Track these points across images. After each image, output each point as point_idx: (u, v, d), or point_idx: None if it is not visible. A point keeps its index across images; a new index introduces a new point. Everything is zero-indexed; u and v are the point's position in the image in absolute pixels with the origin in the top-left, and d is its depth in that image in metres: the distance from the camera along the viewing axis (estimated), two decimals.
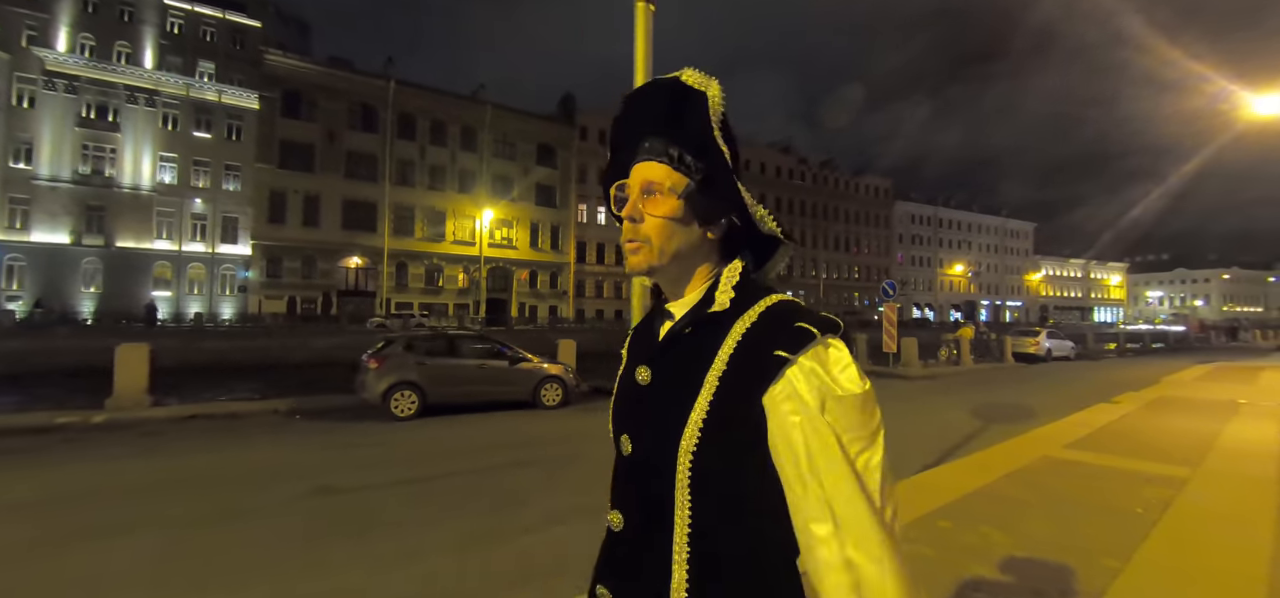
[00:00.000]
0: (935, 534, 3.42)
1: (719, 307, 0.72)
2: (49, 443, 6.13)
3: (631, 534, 0.76)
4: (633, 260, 0.76)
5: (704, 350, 0.71)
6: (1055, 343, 20.92)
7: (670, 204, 0.73)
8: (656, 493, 0.71)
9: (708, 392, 0.69)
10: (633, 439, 0.77)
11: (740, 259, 0.77)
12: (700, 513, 0.69)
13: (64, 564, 3.22)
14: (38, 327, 26.66)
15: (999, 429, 7.34)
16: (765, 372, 0.66)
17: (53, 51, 32.69)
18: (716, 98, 0.74)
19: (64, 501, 4.38)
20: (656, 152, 0.74)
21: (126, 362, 7.75)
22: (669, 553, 0.70)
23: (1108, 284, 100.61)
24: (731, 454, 0.69)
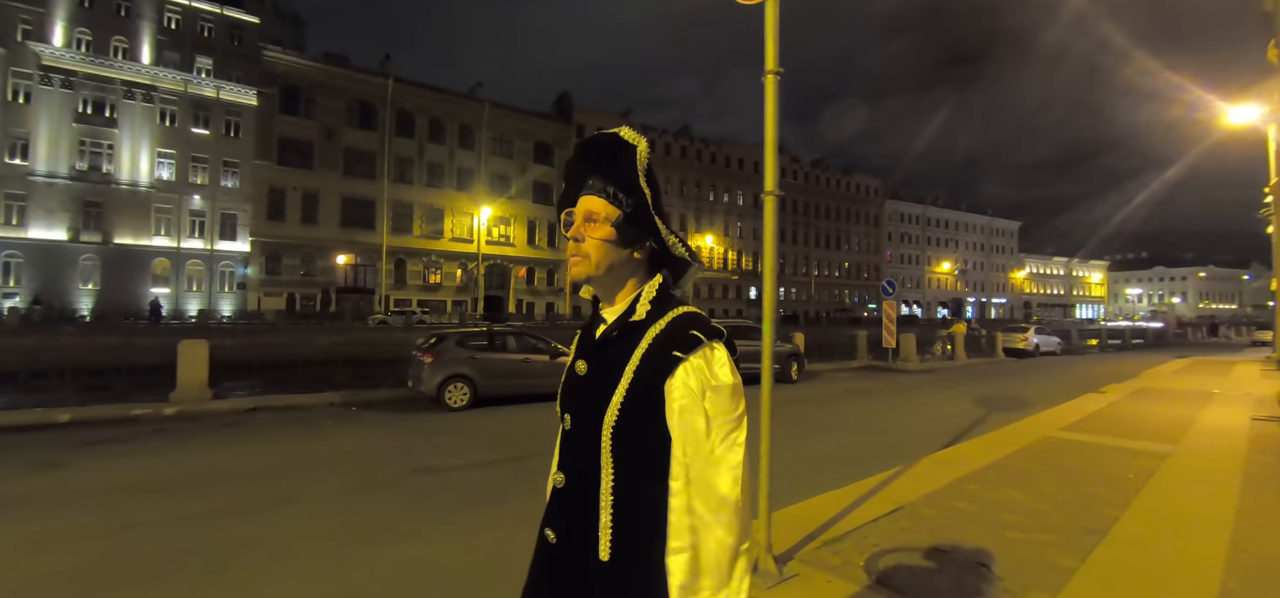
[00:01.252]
0: (967, 494, 4.10)
1: (638, 317, 0.95)
2: (142, 432, 6.61)
3: (571, 489, 0.97)
4: (574, 271, 0.97)
5: (625, 350, 0.93)
6: (1043, 339, 21.91)
7: (605, 230, 0.95)
8: (588, 457, 0.93)
9: (626, 381, 0.91)
10: (573, 417, 0.99)
11: (660, 276, 0.99)
12: (619, 471, 0.91)
13: (249, 527, 3.77)
14: (38, 324, 26.67)
15: (1001, 416, 8.06)
16: (665, 366, 0.89)
17: (49, 46, 32.46)
18: (643, 151, 0.96)
19: (204, 480, 4.89)
20: (596, 188, 0.97)
21: (188, 357, 8.21)
22: (597, 501, 0.92)
23: (1089, 282, 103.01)
24: (641, 427, 0.90)
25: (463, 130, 44.95)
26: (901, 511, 3.75)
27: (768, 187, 2.85)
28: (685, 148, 56.54)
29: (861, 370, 14.71)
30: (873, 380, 12.80)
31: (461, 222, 44.31)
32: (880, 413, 8.71)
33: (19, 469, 5.03)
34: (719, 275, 57.80)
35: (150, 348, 22.43)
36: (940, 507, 3.85)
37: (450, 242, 43.92)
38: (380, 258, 40.96)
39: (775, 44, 2.72)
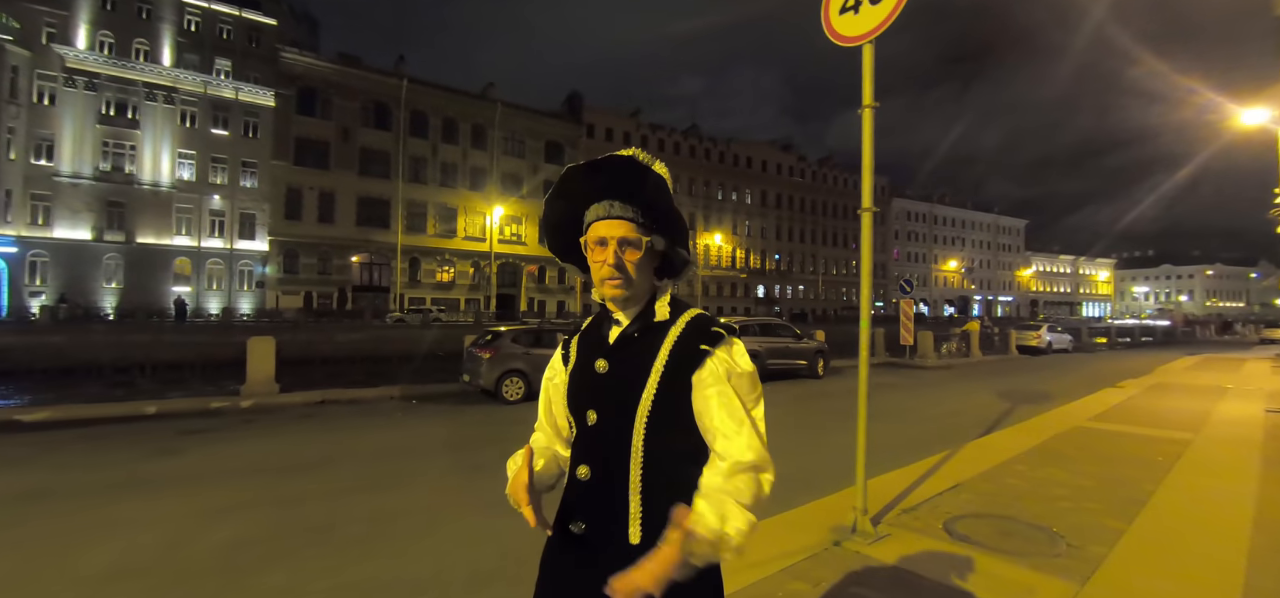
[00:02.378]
0: (1016, 474, 4.57)
1: (661, 317, 1.04)
2: (231, 422, 7.13)
3: (598, 480, 1.03)
4: (614, 292, 1.03)
5: (650, 347, 1.01)
6: (1056, 337, 22.34)
7: (638, 254, 1.02)
8: (617, 449, 1.00)
9: (655, 376, 0.98)
10: (597, 413, 1.04)
11: (668, 281, 1.10)
12: (649, 460, 0.98)
13: (386, 500, 4.26)
14: (65, 322, 27.29)
15: (1027, 408, 8.51)
16: (694, 359, 0.98)
17: (73, 49, 33.07)
18: (667, 176, 1.02)
19: (317, 462, 5.38)
20: (625, 214, 1.03)
21: (257, 353, 8.72)
22: (626, 491, 0.99)
23: (1095, 280, 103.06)
24: (670, 417, 0.99)
25: (475, 130, 45.45)
26: (960, 487, 4.22)
27: (865, 203, 3.31)
28: (693, 147, 56.90)
29: (881, 367, 15.17)
30: (895, 376, 13.26)
31: (474, 220, 44.83)
32: (913, 405, 9.17)
33: (145, 454, 5.54)
34: (727, 274, 58.19)
35: (182, 345, 23.10)
36: (995, 483, 4.32)
37: (463, 240, 44.45)
38: (395, 257, 41.50)
39: (871, 82, 3.18)
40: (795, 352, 12.04)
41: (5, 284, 31.59)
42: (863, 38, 3.17)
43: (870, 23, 3.13)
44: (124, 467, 5.16)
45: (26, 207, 31.84)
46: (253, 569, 3.06)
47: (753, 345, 11.24)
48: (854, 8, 3.20)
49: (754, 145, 61.43)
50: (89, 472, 5.02)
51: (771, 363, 11.48)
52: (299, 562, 3.15)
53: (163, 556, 3.25)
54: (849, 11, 3.23)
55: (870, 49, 3.17)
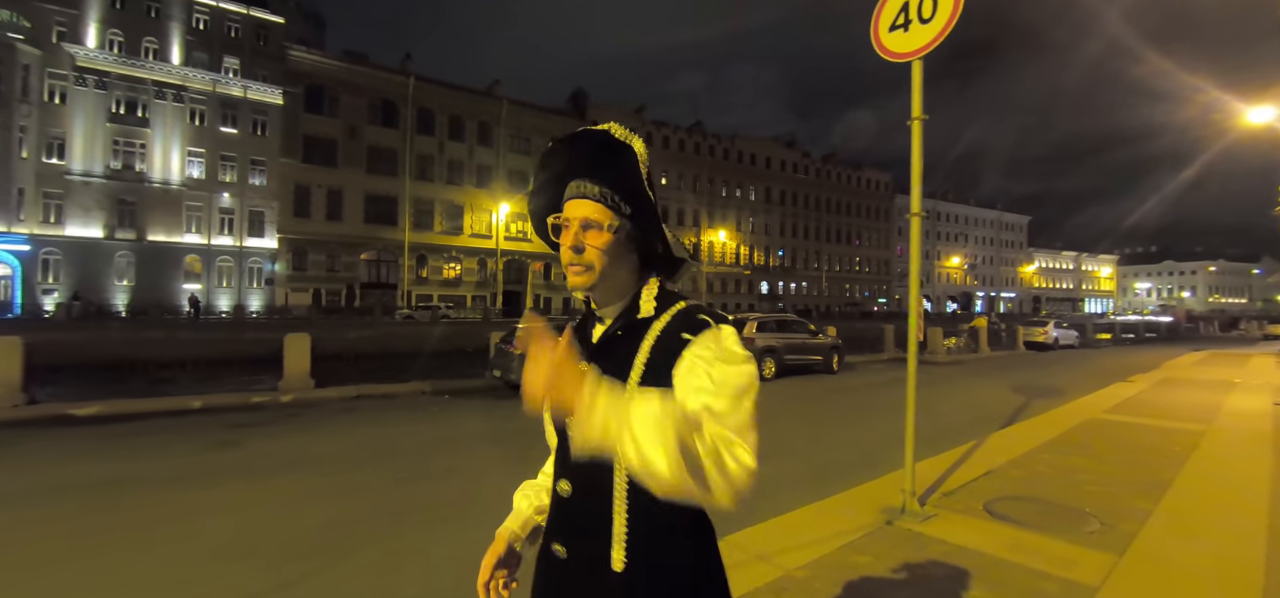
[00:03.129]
0: (1042, 462, 4.83)
1: (644, 313, 0.93)
2: (276, 416, 7.39)
3: (579, 497, 0.93)
4: (575, 281, 0.92)
5: (633, 346, 0.90)
6: (1061, 332, 22.60)
7: (607, 238, 0.90)
8: (597, 462, 0.86)
9: (637, 373, 0.88)
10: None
11: (656, 276, 0.97)
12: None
13: (451, 486, 4.53)
14: (80, 319, 27.59)
15: (1041, 402, 8.76)
16: (675, 352, 0.87)
17: (83, 48, 33.28)
18: (642, 152, 0.91)
19: (373, 454, 5.63)
20: (592, 193, 0.91)
21: (293, 350, 8.98)
22: (609, 507, 0.88)
23: (1098, 276, 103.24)
24: None
25: (481, 127, 45.66)
26: (993, 473, 4.47)
27: (914, 208, 3.54)
28: (698, 143, 57.06)
29: (893, 362, 15.41)
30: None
31: (480, 218, 45.08)
32: (931, 399, 9.40)
33: (206, 446, 5.80)
34: (731, 270, 58.43)
35: (198, 342, 23.38)
36: (1024, 470, 4.57)
37: (470, 237, 44.72)
38: (402, 254, 41.76)
39: (920, 95, 3.42)
40: (811, 348, 12.29)
41: (19, 282, 31.90)
42: (912, 54, 3.41)
43: (919, 41, 3.37)
44: (189, 458, 5.42)
45: (39, 205, 32.11)
46: (351, 548, 3.32)
47: (770, 341, 11.50)
48: (903, 26, 3.44)
49: (758, 142, 61.59)
50: (158, 462, 5.29)
51: (789, 358, 11.73)
52: (390, 542, 3.41)
53: (265, 536, 3.52)
54: (898, 29, 3.47)
55: (919, 65, 3.41)
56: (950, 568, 2.77)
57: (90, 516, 3.84)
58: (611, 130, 0.91)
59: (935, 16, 3.29)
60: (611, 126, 0.92)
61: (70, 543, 3.37)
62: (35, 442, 5.92)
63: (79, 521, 3.73)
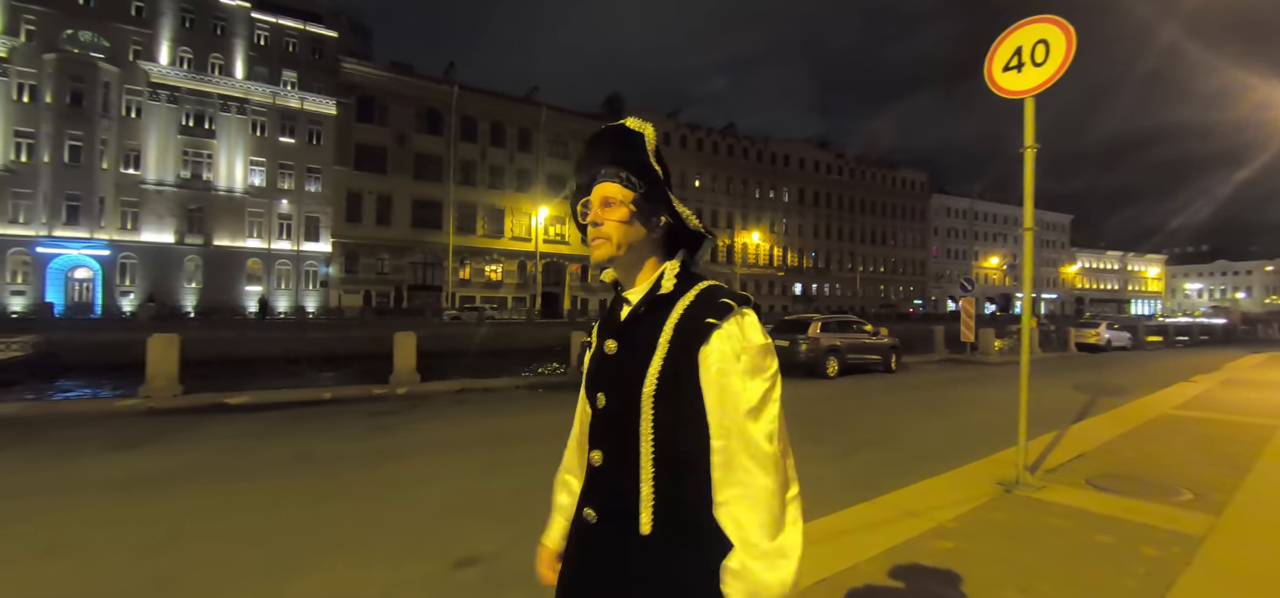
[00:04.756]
0: (1125, 449, 5.32)
1: (666, 290, 0.99)
2: (402, 406, 8.26)
3: (610, 466, 1.01)
4: (596, 253, 1.01)
5: (657, 323, 0.97)
6: (1114, 334, 22.44)
7: (622, 211, 0.99)
8: (626, 432, 0.96)
9: (660, 352, 0.95)
10: (606, 395, 1.02)
11: (681, 253, 1.05)
12: (659, 442, 0.95)
13: None
14: (157, 320, 29.50)
15: (1107, 400, 9.09)
16: (700, 333, 0.93)
17: (157, 65, 35.54)
18: (651, 135, 1.02)
19: (515, 436, 6.45)
20: (609, 175, 1.02)
21: (402, 347, 9.88)
22: (637, 473, 0.95)
23: (1145, 276, 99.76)
24: (678, 395, 0.94)
25: (521, 133, 46.91)
26: (1083, 456, 4.99)
27: (1026, 224, 4.11)
28: (731, 145, 57.41)
29: (945, 362, 15.72)
30: (964, 371, 13.84)
31: (520, 221, 46.30)
32: (996, 397, 9.81)
33: (363, 431, 6.66)
34: (764, 272, 58.57)
35: (268, 341, 24.91)
36: (1110, 455, 5.08)
37: (510, 240, 45.98)
38: (446, 256, 43.21)
39: (1032, 126, 3.99)
40: (871, 347, 12.76)
41: (99, 284, 34.22)
42: (1024, 93, 3.99)
43: (1032, 81, 3.94)
44: (355, 440, 6.27)
45: (117, 212, 34.39)
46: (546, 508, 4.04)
47: (833, 340, 12.01)
48: (1017, 67, 4.02)
49: (791, 144, 61.60)
50: (333, 443, 6.15)
51: (850, 357, 12.22)
52: None
53: (475, 499, 4.27)
54: (1012, 70, 4.05)
55: (1031, 102, 3.98)
56: (1074, 522, 3.35)
57: (315, 485, 4.64)
58: (626, 123, 1.03)
59: (1048, 61, 3.86)
60: (626, 120, 1.03)
61: (318, 507, 4.15)
62: (212, 425, 6.86)
63: (309, 489, 4.52)
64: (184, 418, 7.21)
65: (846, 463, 5.35)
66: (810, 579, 2.52)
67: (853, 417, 7.95)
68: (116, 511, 3.86)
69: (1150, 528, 3.26)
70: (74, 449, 5.55)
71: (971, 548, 2.96)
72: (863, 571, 2.65)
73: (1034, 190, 4.05)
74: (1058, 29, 3.87)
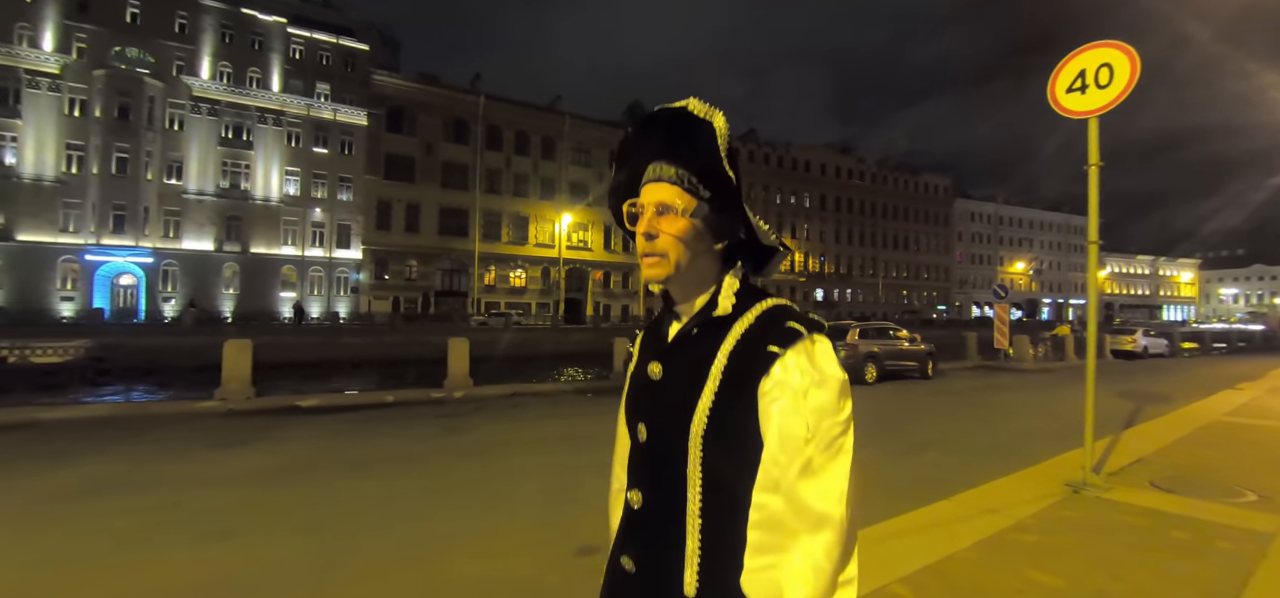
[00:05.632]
0: (1180, 455, 5.47)
1: (722, 311, 0.85)
2: (463, 409, 8.66)
3: (650, 509, 0.88)
4: (650, 272, 0.86)
5: (710, 348, 0.83)
6: (1150, 341, 22.18)
7: (683, 223, 0.84)
8: (671, 472, 0.83)
9: (713, 383, 0.81)
10: (648, 427, 0.89)
11: (741, 266, 0.90)
12: (708, 487, 0.81)
13: None
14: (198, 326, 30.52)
15: (1152, 407, 9.14)
16: (760, 363, 0.79)
17: (198, 79, 36.89)
18: (722, 128, 0.82)
19: (583, 438, 6.78)
20: (667, 176, 0.85)
21: (456, 352, 10.31)
22: (682, 523, 0.82)
23: (1178, 281, 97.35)
24: (733, 434, 0.80)
25: (545, 142, 47.66)
26: (1141, 461, 5.16)
27: (1091, 237, 4.33)
28: (752, 152, 57.57)
29: (979, 369, 15.74)
30: (1001, 378, 13.89)
31: (544, 228, 46.97)
32: (1039, 403, 9.92)
33: (438, 431, 7.05)
34: (785, 278, 58.47)
35: (305, 346, 25.68)
36: (1168, 459, 5.24)
37: (534, 247, 46.67)
38: (472, 263, 44.00)
39: (1096, 145, 4.21)
40: (908, 354, 12.89)
41: (143, 291, 35.51)
42: (1088, 113, 4.21)
43: (1096, 102, 4.17)
44: (433, 439, 6.66)
45: (160, 221, 35.69)
46: None
47: (872, 347, 12.19)
48: (1081, 89, 4.25)
49: (812, 149, 61.54)
50: (416, 443, 6.52)
51: (888, 364, 12.39)
52: None
53: (564, 495, 4.60)
54: (1075, 91, 4.28)
55: (1095, 122, 4.21)
56: (1147, 519, 3.56)
57: (418, 480, 5.00)
58: (689, 105, 0.84)
59: (1112, 84, 4.09)
60: (690, 102, 0.84)
61: (431, 499, 4.52)
62: (296, 426, 7.29)
63: (415, 484, 4.88)
64: (264, 419, 7.67)
65: (909, 463, 5.59)
66: (915, 567, 2.79)
67: (903, 421, 8.14)
68: (251, 501, 4.26)
69: (1221, 525, 3.46)
70: (183, 447, 6.01)
71: (1055, 541, 3.20)
72: (962, 559, 2.91)
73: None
74: (1122, 53, 4.09)
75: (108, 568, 3.11)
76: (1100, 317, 22.21)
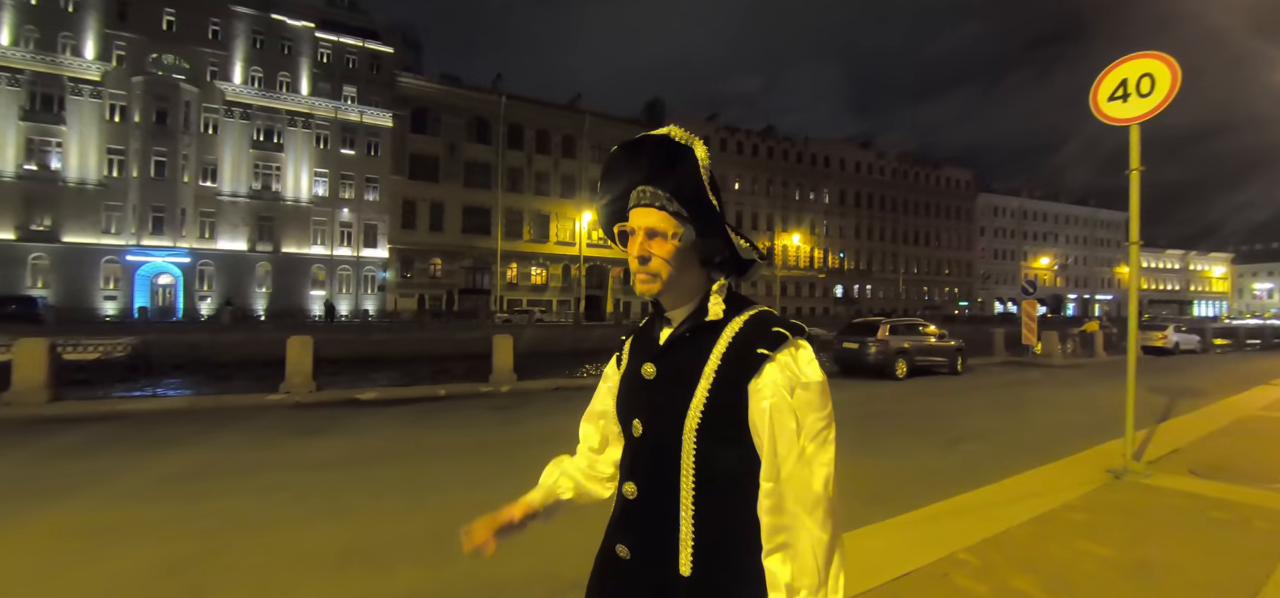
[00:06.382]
0: (1216, 449, 5.67)
1: (713, 316, 0.94)
2: (513, 401, 9.10)
3: (644, 500, 0.95)
4: (643, 288, 0.95)
5: (702, 350, 0.92)
6: (1182, 337, 21.97)
7: (671, 246, 0.92)
8: (665, 465, 0.91)
9: (706, 382, 0.89)
10: (642, 423, 0.96)
11: (724, 277, 0.99)
12: (701, 478, 0.89)
13: None
14: (235, 324, 31.55)
15: (1186, 402, 9.24)
16: (750, 365, 0.88)
17: (231, 84, 38.00)
18: (703, 155, 0.90)
19: None
20: (657, 201, 0.93)
21: (501, 348, 10.75)
22: (676, 512, 0.90)
23: (1209, 276, 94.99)
24: (723, 430, 0.89)
25: (566, 140, 48.20)
26: (1178, 451, 5.39)
27: (1132, 237, 4.58)
28: (771, 148, 57.48)
29: (1008, 365, 15.81)
30: (1031, 373, 13.96)
31: (565, 226, 47.53)
32: (1072, 398, 10.06)
33: (497, 423, 7.48)
34: (805, 274, 58.37)
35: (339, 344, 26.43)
36: (1206, 449, 5.45)
37: (555, 245, 47.26)
38: (495, 261, 44.71)
39: (1137, 150, 4.45)
40: (937, 350, 13.07)
41: (180, 290, 36.75)
42: (1130, 120, 4.46)
43: (1138, 110, 4.41)
44: (498, 430, 7.07)
45: (196, 222, 36.89)
46: None
47: (902, 343, 12.39)
48: (1123, 97, 4.49)
49: (831, 144, 61.23)
50: (482, 432, 6.94)
51: (918, 359, 12.58)
52: None
53: None
54: (1117, 99, 4.52)
55: (1136, 129, 4.45)
56: (1187, 502, 3.83)
57: (498, 465, 5.40)
58: (671, 134, 0.91)
59: (1153, 93, 4.34)
60: (671, 130, 0.92)
61: (517, 480, 4.92)
62: (363, 417, 7.77)
63: (498, 469, 5.27)
64: (330, 411, 8.17)
65: (949, 455, 5.87)
66: (975, 539, 3.11)
67: (938, 415, 8.39)
68: (354, 482, 4.70)
69: (1258, 507, 3.71)
70: (269, 436, 6.51)
71: (1103, 520, 3.49)
72: (1017, 534, 3.22)
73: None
74: (1163, 64, 4.33)
75: (276, 533, 3.55)
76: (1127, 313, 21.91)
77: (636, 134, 0.96)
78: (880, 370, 12.04)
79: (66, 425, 6.83)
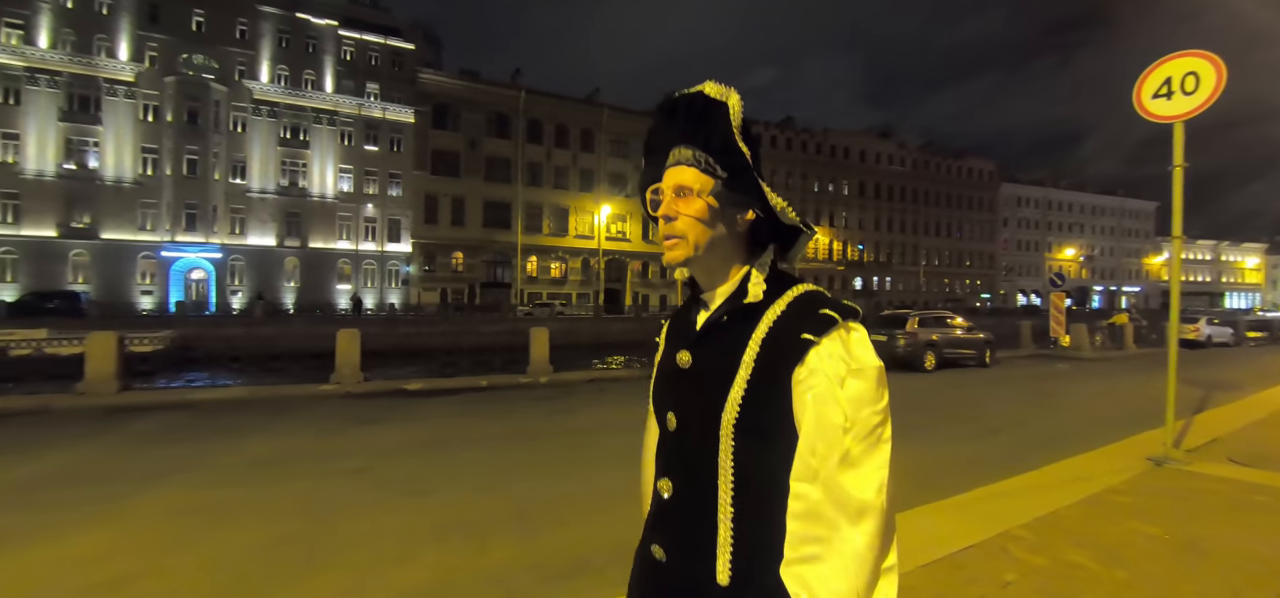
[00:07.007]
0: (1254, 439, 5.77)
1: (752, 298, 0.84)
2: (553, 393, 9.41)
3: (680, 498, 0.87)
4: (670, 255, 0.87)
5: (741, 336, 0.82)
6: (1214, 330, 21.67)
7: (700, 204, 0.84)
8: (701, 463, 0.83)
9: (746, 370, 0.80)
10: (677, 416, 0.88)
11: (770, 250, 0.89)
12: (740, 479, 0.81)
13: None
14: (269, 317, 32.42)
15: (1221, 395, 9.26)
16: (793, 353, 0.78)
17: (258, 83, 38.82)
18: (736, 106, 0.85)
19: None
20: (685, 159, 0.86)
21: (537, 341, 11.07)
22: (714, 512, 0.82)
23: (1242, 267, 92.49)
24: (765, 425, 0.80)
25: (584, 134, 48.46)
26: (1217, 441, 5.50)
27: (1175, 232, 4.71)
28: (790, 139, 57.18)
29: (1036, 357, 15.78)
30: (1060, 366, 13.97)
31: (584, 219, 47.86)
32: (1104, 390, 10.13)
33: (544, 413, 7.77)
34: (824, 266, 58.11)
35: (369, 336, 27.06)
36: (1244, 439, 5.56)
37: (574, 238, 47.64)
38: (515, 255, 45.22)
39: (1181, 147, 4.57)
40: (966, 342, 13.13)
41: (213, 284, 37.81)
42: (1173, 119, 4.57)
43: (1181, 108, 4.53)
44: (546, 419, 7.36)
45: (227, 219, 37.86)
46: None
47: (931, 335, 12.48)
48: (1166, 95, 4.61)
49: (851, 135, 60.70)
50: (534, 421, 7.22)
51: (947, 351, 12.67)
52: None
53: None
54: (1161, 97, 4.64)
55: (1180, 126, 4.57)
56: (1228, 487, 3.98)
57: (557, 452, 5.71)
58: (704, 89, 0.87)
59: (1197, 91, 4.45)
60: (705, 86, 0.87)
61: (580, 467, 5.20)
62: (417, 407, 8.11)
63: (559, 455, 5.57)
64: (382, 401, 8.55)
65: (987, 443, 6.04)
66: (1026, 518, 3.31)
67: (970, 406, 8.53)
68: (426, 467, 5.03)
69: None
70: (331, 423, 6.88)
71: (1147, 503, 3.66)
72: (1067, 513, 3.41)
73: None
74: (1208, 63, 4.44)
75: (371, 511, 3.87)
76: (1156, 306, 21.92)
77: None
78: (909, 363, 12.15)
79: (139, 414, 7.28)
